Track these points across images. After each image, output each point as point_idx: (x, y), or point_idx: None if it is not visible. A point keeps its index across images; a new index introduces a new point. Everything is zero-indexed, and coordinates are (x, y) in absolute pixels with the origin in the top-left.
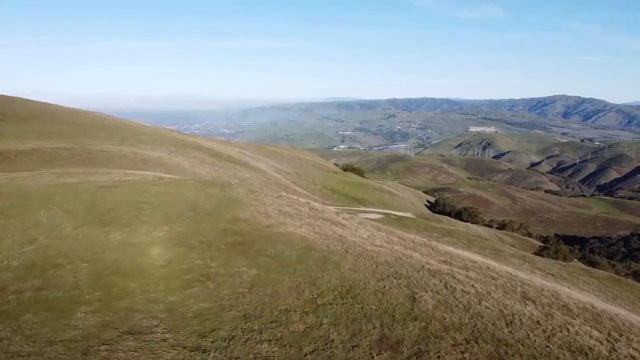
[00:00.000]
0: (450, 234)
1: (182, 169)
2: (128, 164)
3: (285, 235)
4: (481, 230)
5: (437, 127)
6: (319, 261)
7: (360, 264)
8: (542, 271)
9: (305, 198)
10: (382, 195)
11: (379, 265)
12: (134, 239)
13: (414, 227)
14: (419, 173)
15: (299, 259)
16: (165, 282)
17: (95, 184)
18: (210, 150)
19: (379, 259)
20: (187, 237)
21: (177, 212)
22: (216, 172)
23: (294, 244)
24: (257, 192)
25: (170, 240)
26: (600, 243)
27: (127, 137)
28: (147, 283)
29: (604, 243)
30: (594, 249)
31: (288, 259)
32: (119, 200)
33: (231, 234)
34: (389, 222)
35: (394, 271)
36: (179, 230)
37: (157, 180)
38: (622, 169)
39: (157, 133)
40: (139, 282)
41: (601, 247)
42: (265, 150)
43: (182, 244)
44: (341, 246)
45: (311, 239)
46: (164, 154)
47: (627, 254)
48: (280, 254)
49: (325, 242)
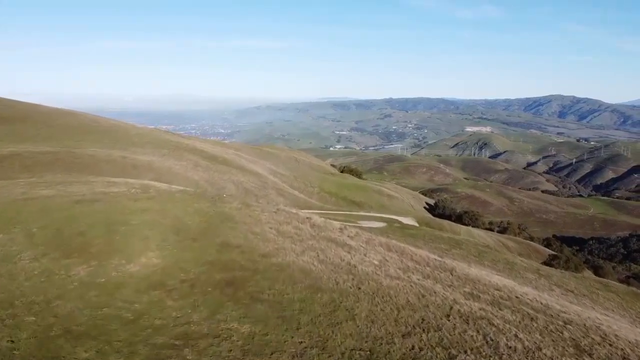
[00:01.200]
0: (458, 245)
1: (174, 174)
2: (116, 170)
3: (285, 267)
4: (484, 236)
5: (433, 127)
6: (328, 308)
7: (378, 310)
8: (560, 287)
9: (304, 209)
10: (381, 198)
11: (401, 310)
12: (101, 276)
13: (420, 237)
14: (416, 173)
15: (303, 305)
16: (130, 347)
17: (71, 198)
18: (204, 153)
19: (399, 299)
20: (166, 273)
21: (158, 236)
22: (210, 177)
23: (296, 281)
24: (251, 207)
25: (144, 279)
26: (599, 244)
27: (118, 140)
28: (105, 351)
29: (603, 244)
30: (593, 251)
31: (289, 306)
32: (93, 220)
33: (220, 268)
34: (394, 232)
35: (420, 318)
36: (158, 262)
37: (141, 193)
38: (618, 168)
39: (149, 135)
40: (94, 350)
41: (600, 249)
42: (261, 151)
43: (158, 285)
44: (352, 281)
45: (316, 272)
46: (155, 158)
47: (626, 256)
48: (279, 298)
49: (333, 275)
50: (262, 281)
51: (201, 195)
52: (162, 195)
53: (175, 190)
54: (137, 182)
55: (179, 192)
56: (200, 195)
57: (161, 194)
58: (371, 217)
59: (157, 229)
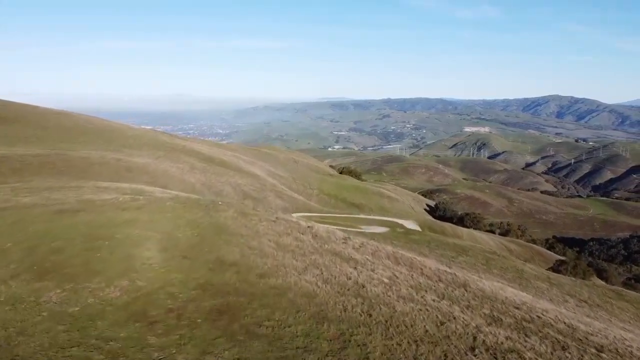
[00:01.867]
0: (464, 252)
1: (170, 177)
2: (109, 173)
3: (285, 290)
4: (487, 239)
5: (431, 127)
6: (337, 344)
7: (394, 345)
8: (573, 297)
9: (304, 212)
10: (381, 200)
11: (420, 344)
12: (74, 303)
13: (425, 243)
14: (414, 174)
15: (308, 341)
16: None
17: (53, 208)
18: (201, 154)
19: (416, 329)
20: (150, 300)
21: (144, 254)
22: (207, 179)
23: (298, 308)
24: (248, 215)
25: (124, 307)
26: (599, 245)
27: (113, 141)
28: None
29: (603, 245)
30: (593, 252)
31: (292, 342)
32: (74, 234)
33: (212, 293)
34: (398, 239)
35: (443, 354)
36: (142, 286)
37: (130, 201)
38: (617, 169)
39: (145, 136)
40: None
41: (600, 250)
42: (259, 152)
43: (140, 316)
44: (362, 306)
45: (321, 295)
46: (150, 160)
47: (627, 257)
48: (280, 331)
49: (340, 299)
50: (259, 309)
51: (194, 204)
52: (151, 204)
53: (166, 198)
54: (129, 187)
55: (171, 200)
56: (194, 203)
57: (151, 203)
58: (372, 221)
59: (144, 245)
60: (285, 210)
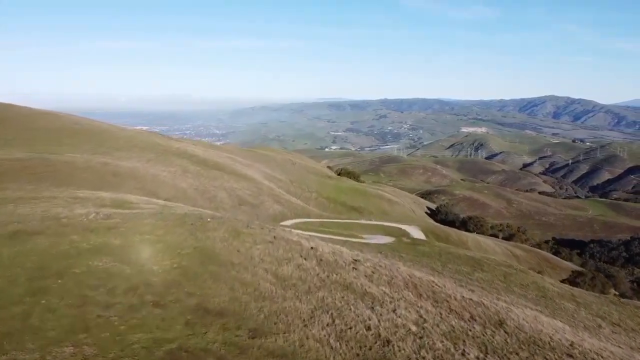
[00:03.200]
0: (479, 266)
1: (160, 182)
2: (93, 179)
3: (288, 358)
4: (492, 245)
5: (428, 127)
6: None
7: None
8: (605, 320)
9: (303, 217)
10: (381, 203)
11: None
12: None
13: (435, 256)
14: (412, 175)
15: None
16: None
17: (9, 228)
18: (195, 157)
19: None
20: None
21: (103, 300)
22: (200, 184)
23: None
24: (241, 235)
25: None
26: (600, 247)
27: (103, 143)
28: None
29: (604, 247)
30: (594, 254)
31: None
32: (21, 267)
33: None
34: (406, 251)
35: None
36: (87, 355)
37: (104, 218)
38: (614, 169)
39: (136, 138)
40: None
41: (602, 252)
42: (256, 154)
43: None
44: None
45: None
46: (140, 164)
47: (628, 259)
48: None
49: None
50: None
51: (179, 221)
52: (127, 222)
53: (147, 214)
54: (110, 197)
55: (152, 217)
56: (178, 220)
57: (127, 221)
58: (375, 228)
59: (105, 286)
60: (283, 216)
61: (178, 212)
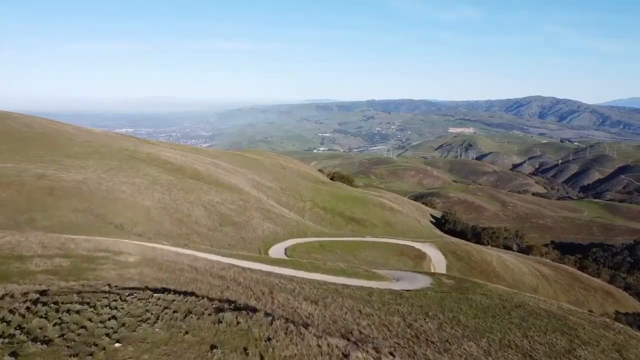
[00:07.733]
0: (574, 333)
1: (113, 200)
2: (18, 199)
3: None
4: (519, 265)
5: (416, 128)
6: None
7: None
8: None
9: (298, 237)
10: (383, 213)
11: None
12: None
13: (504, 314)
14: (404, 177)
15: None
16: None
17: None
18: (169, 164)
19: None
20: None
21: None
22: (171, 199)
23: None
24: None
25: None
26: (603, 252)
27: (54, 150)
28: None
29: (607, 252)
30: (598, 259)
31: None
32: None
33: None
34: (460, 305)
35: None
36: None
37: None
38: (604, 169)
39: (99, 142)
40: None
41: (605, 257)
42: (243, 158)
43: None
44: None
45: None
46: (94, 175)
47: (633, 264)
48: None
49: None
50: None
51: None
52: None
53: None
54: (11, 241)
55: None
56: None
57: None
58: (386, 248)
59: None
60: (275, 236)
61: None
